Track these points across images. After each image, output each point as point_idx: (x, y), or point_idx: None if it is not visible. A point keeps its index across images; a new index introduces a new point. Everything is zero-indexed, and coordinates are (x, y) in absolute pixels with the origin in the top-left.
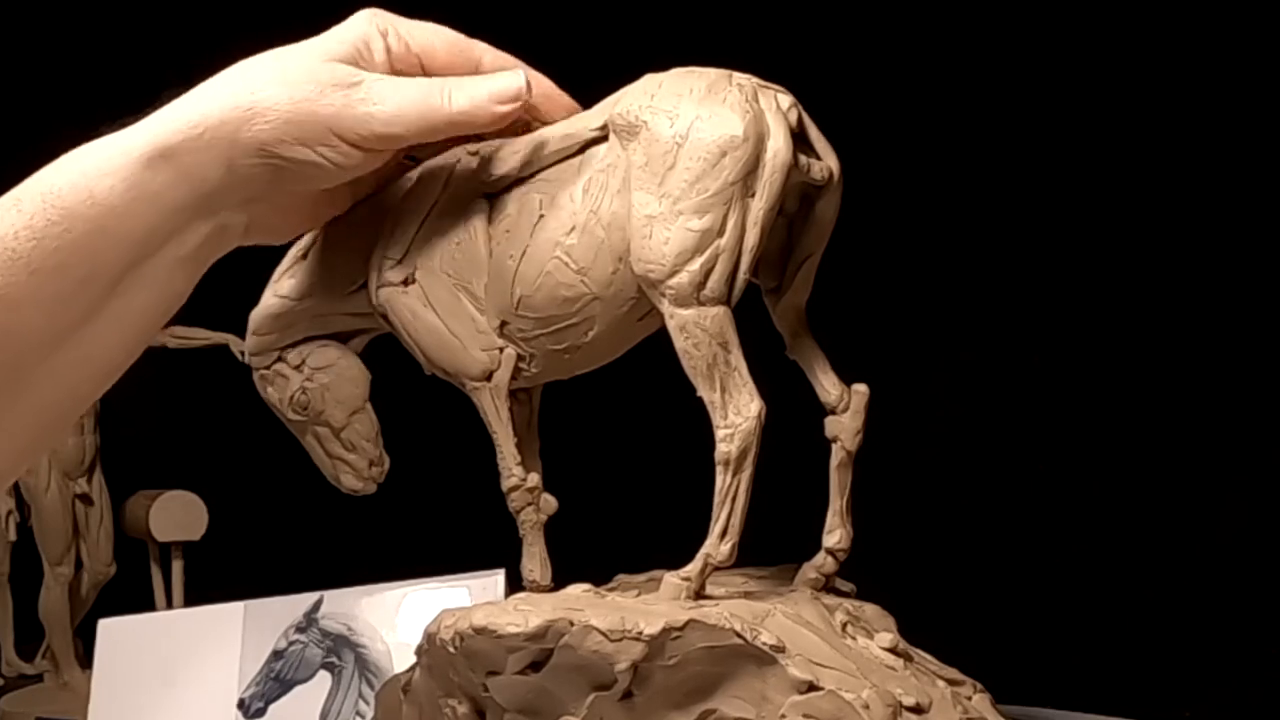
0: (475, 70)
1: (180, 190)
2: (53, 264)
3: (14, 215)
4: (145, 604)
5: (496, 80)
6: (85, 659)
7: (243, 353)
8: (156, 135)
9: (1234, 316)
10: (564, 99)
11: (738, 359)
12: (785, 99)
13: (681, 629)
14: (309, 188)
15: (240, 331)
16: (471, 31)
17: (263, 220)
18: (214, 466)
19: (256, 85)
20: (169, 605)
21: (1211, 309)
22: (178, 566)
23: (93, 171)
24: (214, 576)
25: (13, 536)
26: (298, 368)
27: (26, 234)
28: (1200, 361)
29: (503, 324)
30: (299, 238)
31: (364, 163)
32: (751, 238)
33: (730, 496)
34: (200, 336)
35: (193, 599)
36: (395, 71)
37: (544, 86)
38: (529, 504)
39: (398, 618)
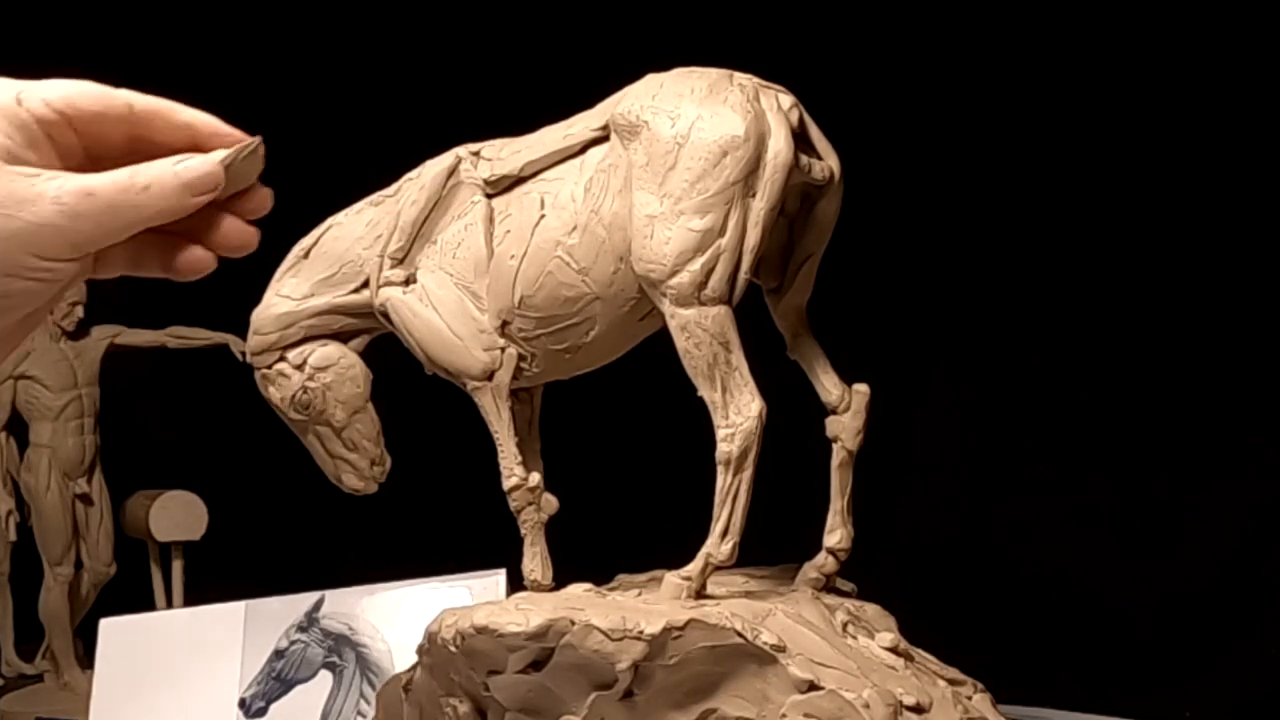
0: (128, 114)
1: None
2: None
3: None
4: (145, 604)
5: (190, 171)
6: (85, 659)
7: (243, 353)
8: None
9: (1234, 316)
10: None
11: (739, 359)
12: (786, 99)
13: (682, 628)
14: (33, 306)
15: (240, 331)
16: (472, 35)
17: None
18: (214, 466)
19: None
20: (169, 605)
21: (1211, 309)
22: (178, 566)
23: None
24: (214, 576)
25: (13, 536)
26: (299, 367)
27: None
28: (1200, 362)
29: (504, 324)
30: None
31: (75, 271)
32: (752, 238)
33: (731, 496)
34: (200, 336)
35: (193, 599)
36: (46, 135)
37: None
38: (530, 504)
39: (399, 617)
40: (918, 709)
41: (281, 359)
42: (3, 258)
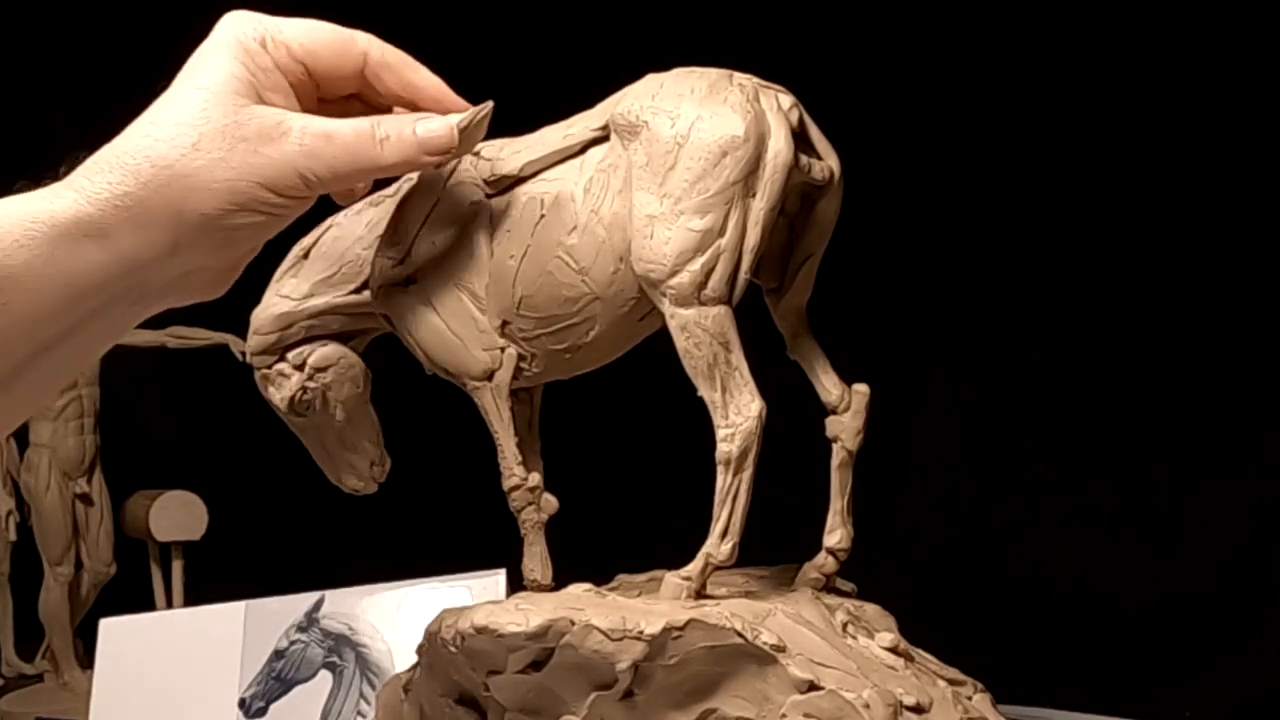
0: (361, 64)
1: (109, 269)
2: None
3: None
4: (145, 604)
5: (428, 129)
6: (85, 659)
7: (243, 353)
8: (81, 211)
9: (1234, 317)
10: (410, 74)
11: (739, 359)
12: (786, 99)
13: (682, 628)
14: (252, 244)
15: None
16: (474, 34)
17: (190, 289)
18: (214, 466)
19: (180, 155)
20: (169, 605)
21: (1212, 309)
22: (178, 566)
23: (6, 243)
24: (214, 576)
25: (13, 536)
26: (299, 367)
27: None
28: (1201, 363)
29: (504, 324)
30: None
31: (298, 211)
32: (752, 238)
33: (731, 496)
34: (200, 336)
35: (193, 599)
36: (286, 76)
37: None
38: (530, 503)
39: (399, 617)
40: (918, 709)
41: (281, 359)
42: (241, 192)
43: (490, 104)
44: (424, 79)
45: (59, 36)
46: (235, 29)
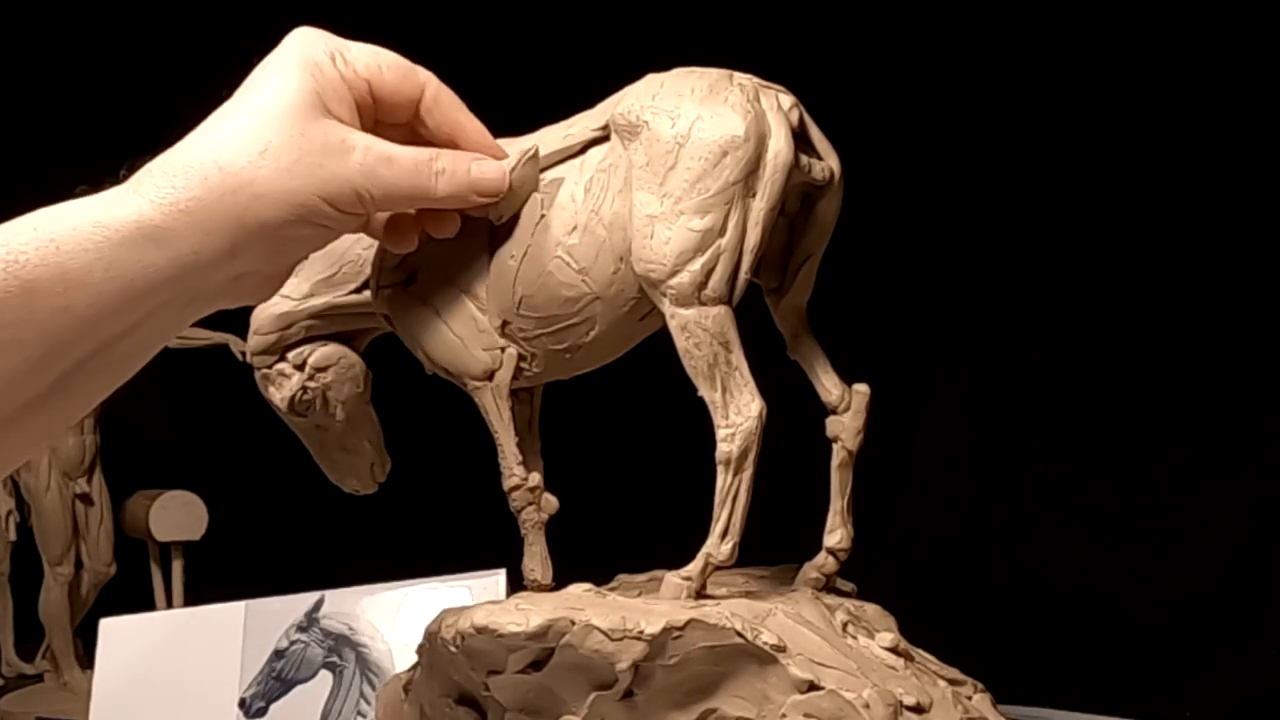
0: (419, 95)
1: (167, 272)
2: (7, 339)
3: None
4: (145, 604)
5: (483, 171)
6: (85, 659)
7: (243, 353)
8: (145, 216)
9: (1235, 317)
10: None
11: (739, 359)
12: (786, 99)
13: (682, 628)
14: (304, 254)
15: (240, 331)
16: (475, 34)
17: (238, 292)
18: (214, 466)
19: (246, 162)
20: (169, 605)
21: (1212, 309)
22: (178, 566)
23: (68, 245)
24: (214, 576)
25: (13, 536)
26: (299, 367)
27: None
28: (1201, 363)
29: (504, 324)
30: None
31: (350, 227)
32: (753, 238)
33: (731, 496)
34: (200, 336)
35: (193, 599)
36: (352, 95)
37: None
38: (530, 503)
39: (399, 617)
40: (918, 709)
41: (281, 359)
42: (303, 204)
43: (536, 147)
44: (470, 121)
45: (118, 41)
46: (306, 43)
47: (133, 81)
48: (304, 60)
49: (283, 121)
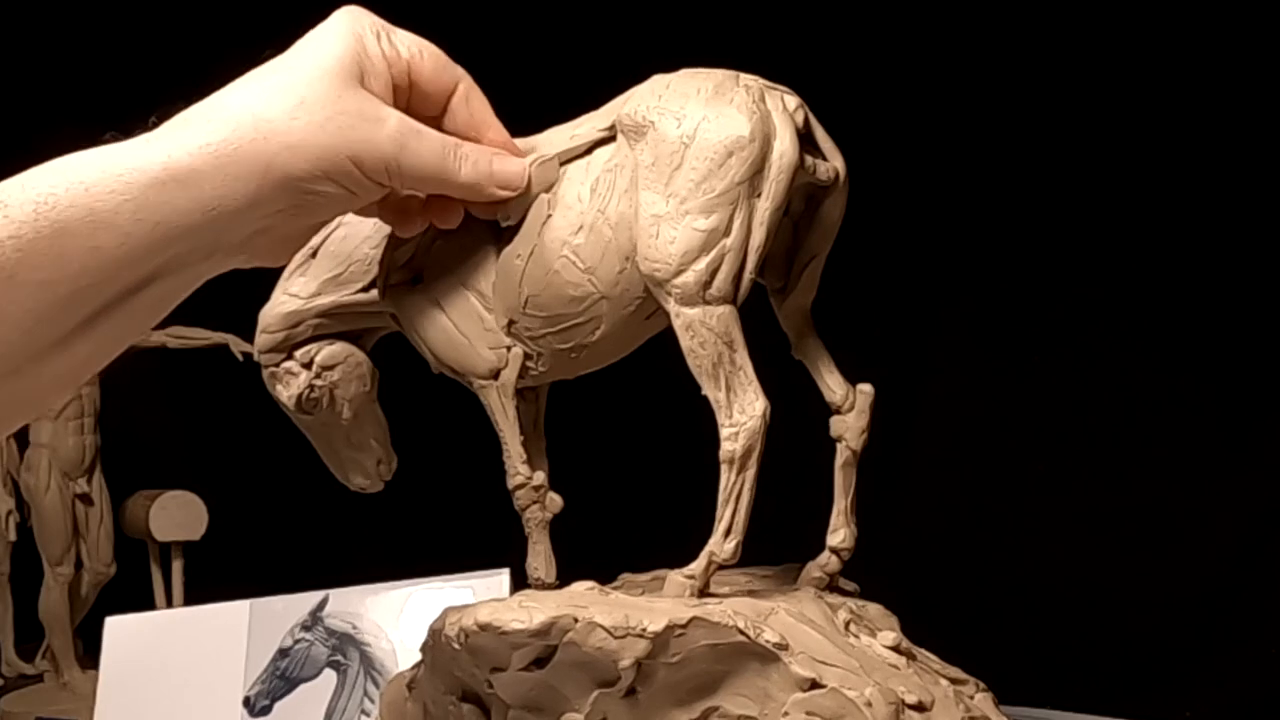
0: (453, 89)
1: (193, 216)
2: (38, 279)
3: (0, 221)
4: (145, 604)
5: (504, 165)
6: (85, 659)
7: (244, 353)
8: (174, 159)
9: (1235, 317)
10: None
11: (743, 358)
12: (792, 100)
13: (685, 626)
14: (323, 216)
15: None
16: (481, 35)
17: (257, 249)
18: (214, 466)
19: (280, 113)
20: (169, 605)
21: (1212, 309)
22: (178, 566)
23: (97, 187)
24: (214, 576)
25: (13, 536)
26: (307, 365)
27: (13, 244)
28: (1202, 362)
29: (510, 323)
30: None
31: (373, 196)
32: (757, 237)
33: (735, 495)
34: (200, 336)
35: (193, 599)
36: (389, 75)
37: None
38: (534, 502)
39: (403, 616)
40: (920, 708)
41: (289, 357)
42: (330, 161)
43: (556, 155)
44: (496, 125)
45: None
46: (353, 17)
47: (169, 38)
48: (349, 32)
49: (322, 83)
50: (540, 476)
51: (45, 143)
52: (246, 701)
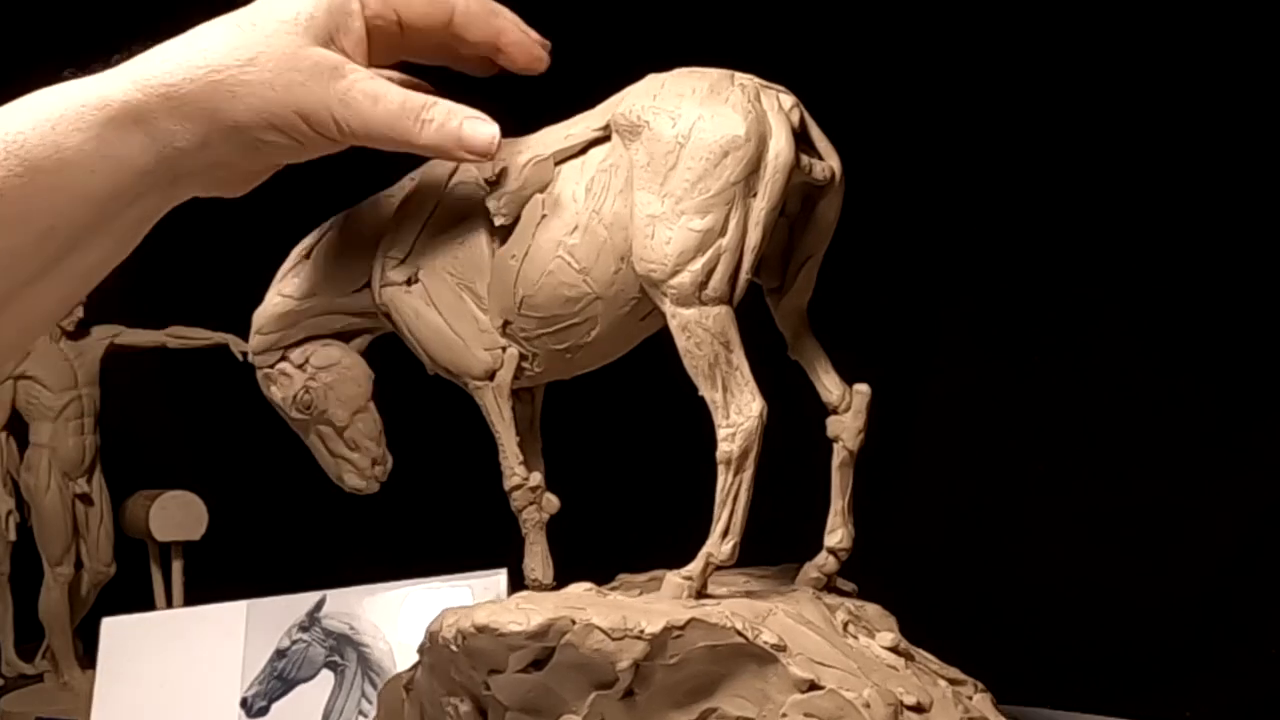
0: (449, 16)
1: (149, 154)
2: (11, 215)
3: None
4: (145, 604)
5: (471, 126)
6: (85, 659)
7: (243, 353)
8: (130, 97)
9: (1235, 317)
10: (495, 21)
11: (739, 358)
12: (787, 99)
13: (683, 628)
14: (272, 163)
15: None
16: None
17: (216, 181)
18: (214, 466)
19: (235, 61)
20: (169, 605)
21: (1212, 309)
22: (178, 566)
23: (61, 125)
24: (214, 576)
25: (13, 536)
26: (301, 367)
27: None
28: (1202, 362)
29: (505, 323)
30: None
31: (327, 148)
32: (753, 238)
33: (732, 496)
34: (200, 336)
35: (193, 599)
36: (371, 26)
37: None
38: (531, 503)
39: (400, 617)
40: (918, 708)
41: (283, 358)
42: (276, 114)
43: (551, 154)
44: (507, 22)
45: None
46: None
47: None
48: None
49: (280, 38)
50: (537, 477)
51: (11, 83)
52: (244, 702)
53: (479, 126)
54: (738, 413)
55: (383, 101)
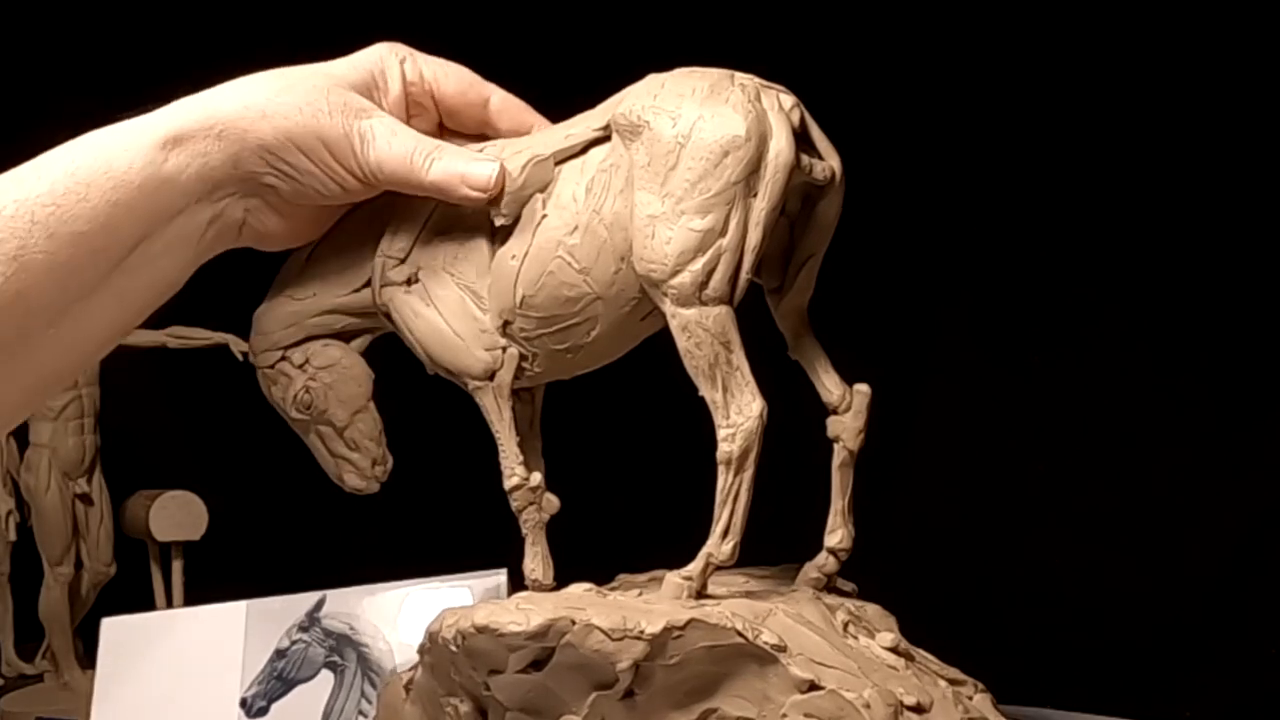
0: (483, 106)
1: (189, 174)
2: (69, 231)
3: (35, 182)
4: (145, 604)
5: (474, 166)
6: (85, 659)
7: (243, 353)
8: (173, 121)
9: (1235, 316)
10: (526, 117)
11: (740, 359)
12: (788, 99)
13: (683, 628)
14: (307, 199)
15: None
16: (477, 35)
17: (257, 223)
18: (214, 466)
19: (269, 94)
20: (169, 605)
21: (1212, 309)
22: (177, 566)
23: (112, 148)
24: (214, 576)
25: (13, 536)
26: (301, 367)
27: (47, 200)
28: (1201, 362)
29: (505, 323)
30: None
31: (358, 190)
32: (754, 238)
33: (732, 496)
34: (200, 336)
35: (193, 599)
36: (408, 98)
37: (513, 106)
38: (531, 503)
39: (400, 617)
40: (918, 709)
41: (283, 359)
42: (298, 136)
43: (551, 154)
44: (536, 118)
45: None
46: (385, 46)
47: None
48: (372, 56)
49: (315, 80)
50: (537, 477)
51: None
52: (243, 703)
53: (479, 166)
54: (738, 413)
55: (398, 139)
